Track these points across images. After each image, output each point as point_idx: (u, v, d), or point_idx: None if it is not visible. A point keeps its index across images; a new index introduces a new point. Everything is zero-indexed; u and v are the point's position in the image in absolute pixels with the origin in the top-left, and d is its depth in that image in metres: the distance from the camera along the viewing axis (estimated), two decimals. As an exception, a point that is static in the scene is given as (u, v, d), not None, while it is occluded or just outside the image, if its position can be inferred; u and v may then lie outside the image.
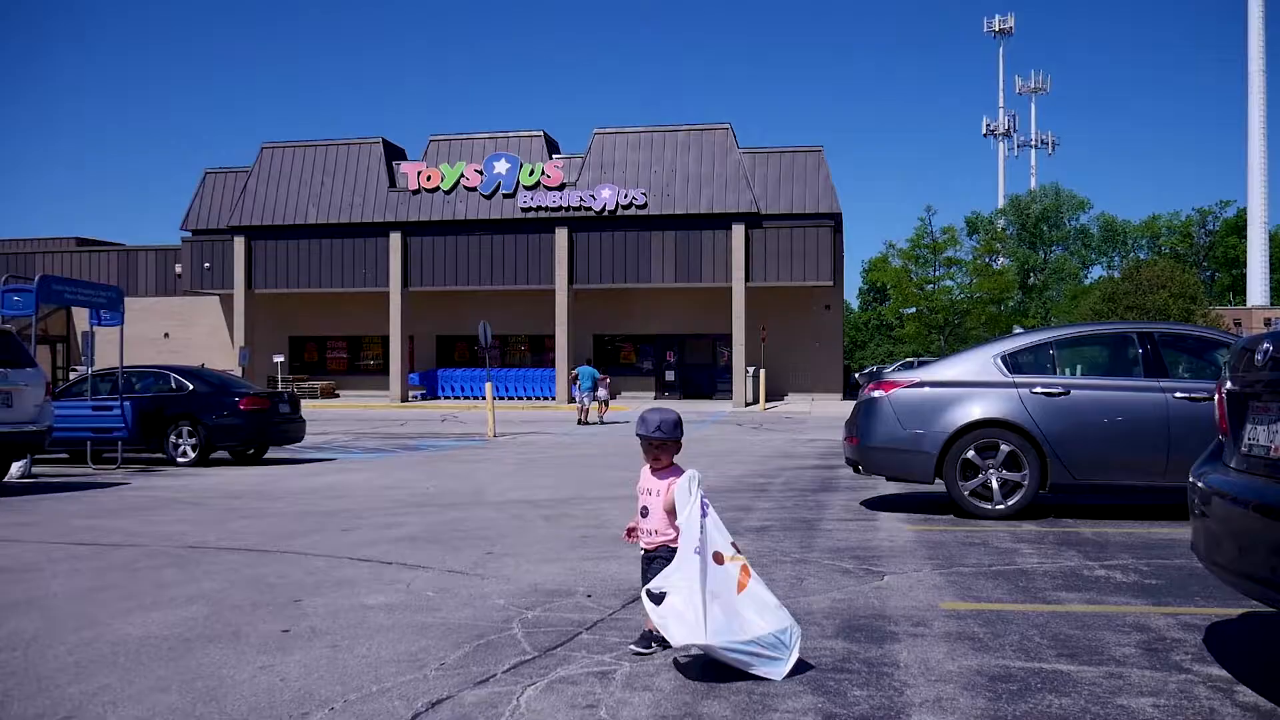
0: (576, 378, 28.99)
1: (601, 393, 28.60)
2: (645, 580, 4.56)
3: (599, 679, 4.19)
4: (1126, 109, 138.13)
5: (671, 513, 4.46)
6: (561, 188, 39.43)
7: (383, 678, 4.24)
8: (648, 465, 4.66)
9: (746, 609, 4.25)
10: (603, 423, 27.85)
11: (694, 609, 4.14)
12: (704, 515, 4.33)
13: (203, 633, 5.02)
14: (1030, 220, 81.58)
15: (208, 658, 4.57)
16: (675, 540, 4.45)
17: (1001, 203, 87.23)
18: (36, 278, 14.91)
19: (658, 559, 4.54)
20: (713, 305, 40.18)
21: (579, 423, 27.49)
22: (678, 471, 4.57)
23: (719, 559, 4.28)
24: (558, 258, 39.43)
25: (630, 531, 4.80)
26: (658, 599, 4.25)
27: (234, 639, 4.89)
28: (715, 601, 4.18)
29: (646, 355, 42.86)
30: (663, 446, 4.59)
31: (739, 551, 4.40)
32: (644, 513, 4.65)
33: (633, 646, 4.60)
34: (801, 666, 4.27)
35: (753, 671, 4.16)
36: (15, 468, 13.29)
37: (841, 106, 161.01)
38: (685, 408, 36.46)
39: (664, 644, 4.42)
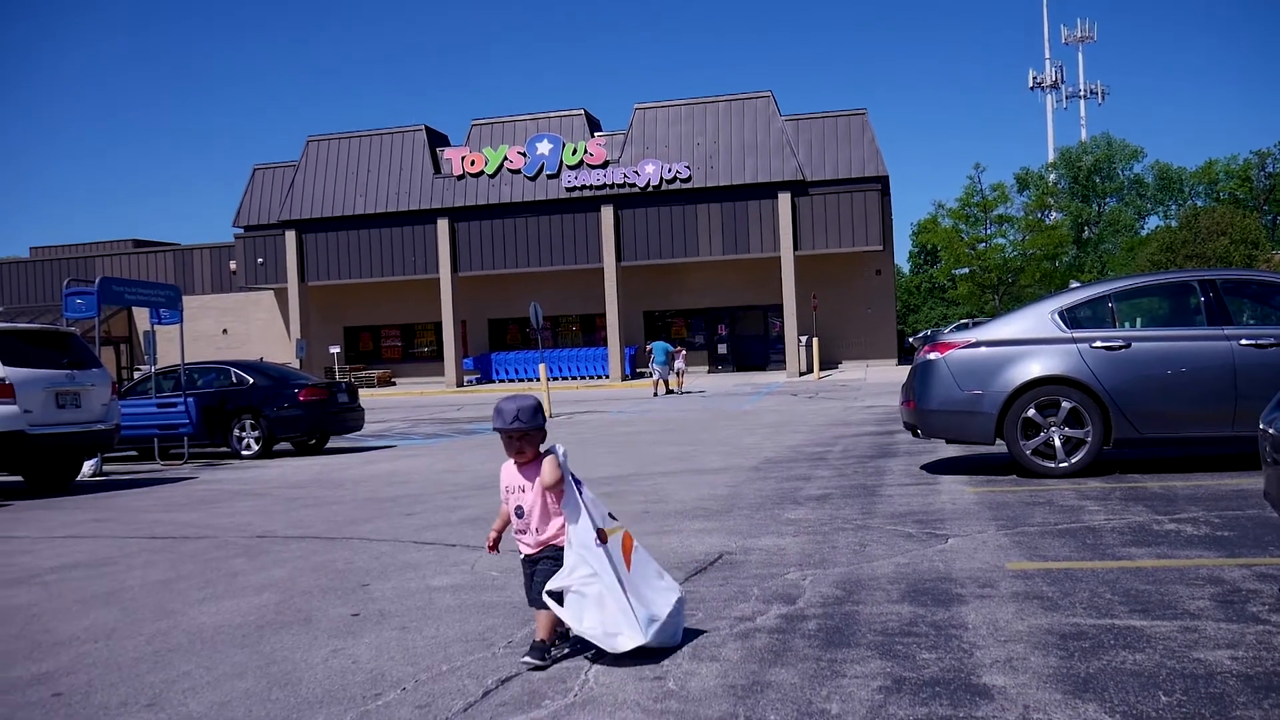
0: (651, 353, 31.28)
1: (678, 364, 31.24)
2: (531, 588, 4.27)
3: (665, 651, 4.20)
4: (1177, 52, 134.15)
5: (554, 498, 4.15)
6: (605, 165, 39.38)
7: (452, 657, 4.30)
8: (510, 461, 4.29)
9: (643, 585, 4.13)
10: (683, 392, 30.82)
11: (621, 608, 3.99)
12: (582, 495, 4.13)
13: (275, 619, 5.11)
14: (1082, 173, 79.81)
15: (281, 643, 4.66)
16: (560, 537, 4.17)
17: (1051, 156, 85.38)
18: (97, 280, 15.21)
19: (544, 559, 4.23)
20: (762, 276, 39.98)
21: (654, 394, 30.10)
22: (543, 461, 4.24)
23: (603, 536, 4.09)
24: (604, 236, 39.44)
25: (494, 543, 4.40)
26: (559, 598, 4.04)
27: (305, 624, 4.98)
28: (631, 590, 4.05)
29: (698, 329, 42.78)
30: (525, 438, 4.20)
31: (615, 519, 4.27)
32: (519, 513, 4.26)
33: (526, 659, 4.13)
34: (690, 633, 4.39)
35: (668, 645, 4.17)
36: (87, 466, 13.63)
37: (884, 67, 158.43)
38: (739, 380, 36.42)
39: (557, 651, 4.21)
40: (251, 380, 16.64)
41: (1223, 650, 3.86)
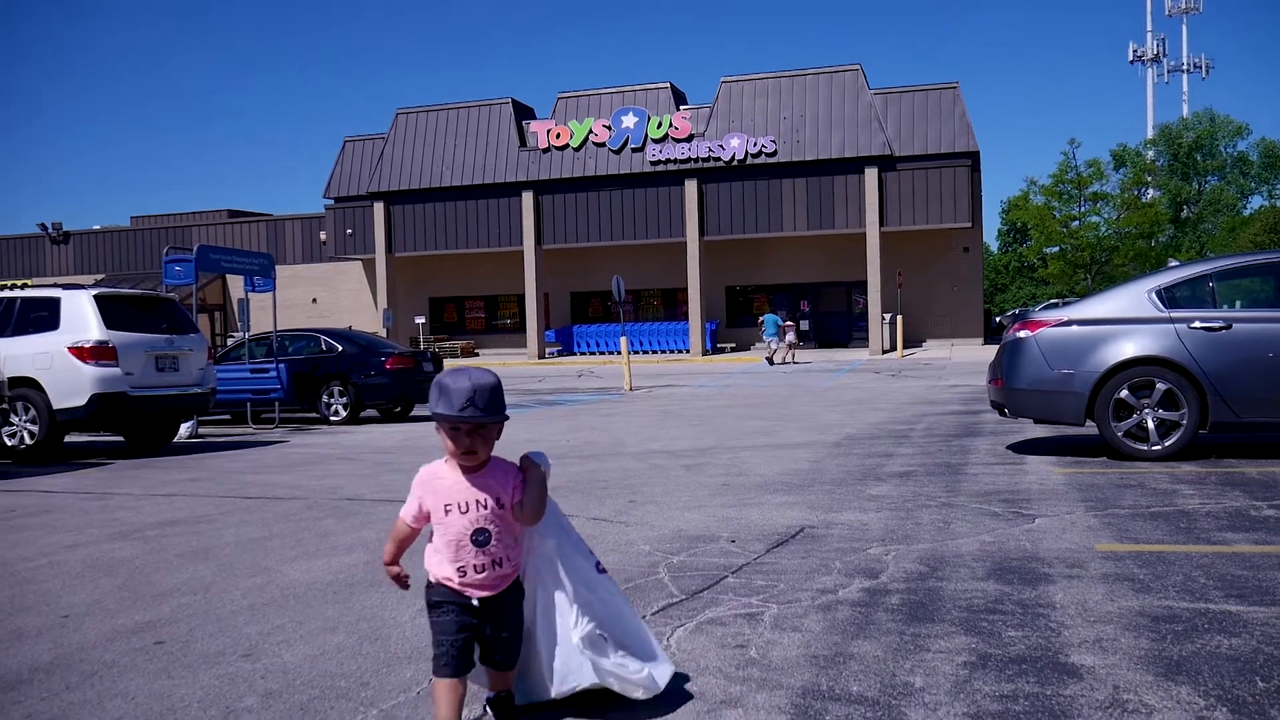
0: (763, 325, 33.04)
1: (790, 337, 32.77)
2: (454, 655, 2.94)
3: (747, 620, 4.22)
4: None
5: (524, 521, 3.09)
6: (690, 139, 39.22)
7: (536, 619, 4.36)
8: (443, 464, 3.06)
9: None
10: (796, 362, 32.27)
11: (643, 639, 3.34)
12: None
13: (364, 578, 5.25)
14: (1182, 150, 77.14)
15: (370, 601, 4.78)
16: (518, 569, 3.16)
17: (1150, 132, 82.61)
18: (195, 248, 15.65)
19: (515, 606, 3.12)
20: (847, 252, 39.53)
21: (768, 361, 31.96)
22: (507, 465, 3.08)
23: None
24: (688, 210, 39.33)
25: (404, 578, 3.26)
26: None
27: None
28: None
29: (780, 305, 42.46)
30: (481, 432, 2.92)
31: None
32: (480, 539, 2.97)
33: None
34: None
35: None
36: (184, 428, 14.08)
37: (977, 38, 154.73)
38: (821, 356, 36.12)
39: None
40: (340, 348, 17.00)
41: (1324, 638, 3.74)
